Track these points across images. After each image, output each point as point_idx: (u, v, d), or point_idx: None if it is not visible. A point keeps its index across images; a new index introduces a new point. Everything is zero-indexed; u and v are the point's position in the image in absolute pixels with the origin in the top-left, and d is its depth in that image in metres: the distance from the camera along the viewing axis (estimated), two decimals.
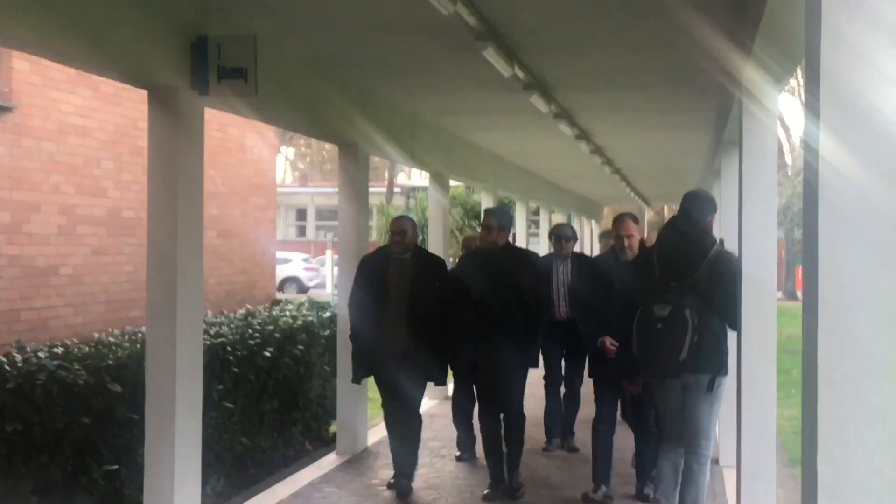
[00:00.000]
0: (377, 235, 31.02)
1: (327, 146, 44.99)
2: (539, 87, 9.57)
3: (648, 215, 55.67)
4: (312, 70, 8.90)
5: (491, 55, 7.54)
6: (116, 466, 7.37)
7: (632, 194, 27.30)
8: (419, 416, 8.42)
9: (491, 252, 7.99)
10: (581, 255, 10.31)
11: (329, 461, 9.47)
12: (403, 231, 8.19)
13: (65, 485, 7.05)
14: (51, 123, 9.08)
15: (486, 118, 12.43)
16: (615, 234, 7.89)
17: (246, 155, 12.74)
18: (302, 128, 9.98)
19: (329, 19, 7.25)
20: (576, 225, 31.86)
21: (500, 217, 8.14)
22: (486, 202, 17.92)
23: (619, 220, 7.88)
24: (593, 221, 34.95)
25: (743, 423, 6.25)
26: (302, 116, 9.02)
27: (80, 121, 9.52)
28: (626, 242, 7.65)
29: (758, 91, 6.13)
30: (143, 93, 9.12)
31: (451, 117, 12.55)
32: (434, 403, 12.60)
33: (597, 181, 22.47)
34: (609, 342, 7.46)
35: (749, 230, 6.26)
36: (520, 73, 8.58)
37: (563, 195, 25.48)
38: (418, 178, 39.70)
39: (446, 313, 7.99)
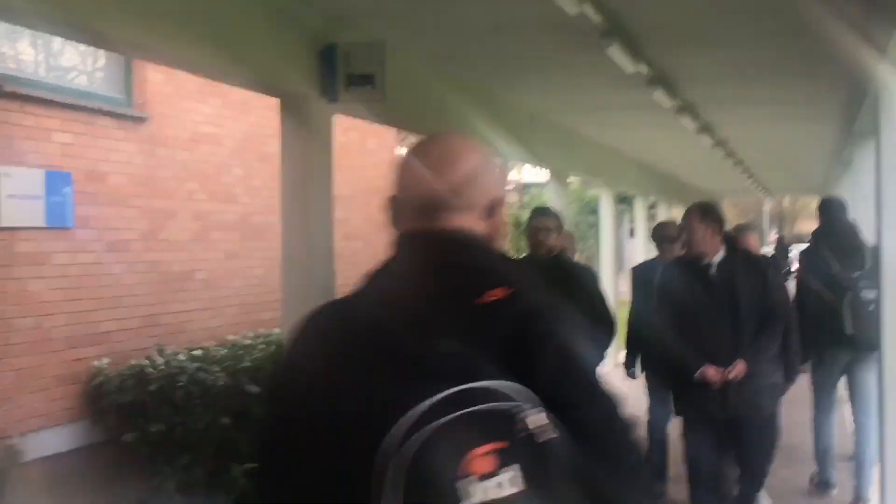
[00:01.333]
0: None
1: None
2: (663, 81, 9.49)
3: (768, 206, 54.61)
4: (434, 72, 8.98)
5: (616, 52, 7.51)
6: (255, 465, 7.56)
7: (753, 186, 26.89)
8: None
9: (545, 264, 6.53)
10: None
11: None
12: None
13: (206, 483, 7.27)
14: (184, 133, 9.34)
15: (606, 114, 12.37)
16: (679, 230, 6.76)
17: (367, 158, 12.92)
18: (425, 130, 10.06)
19: (453, 21, 7.31)
20: None
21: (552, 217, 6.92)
22: (604, 198, 17.82)
23: (687, 213, 6.45)
24: None
25: (887, 420, 6.13)
26: (424, 119, 9.10)
27: (211, 129, 9.76)
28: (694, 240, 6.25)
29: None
30: (270, 100, 9.33)
31: (571, 115, 12.52)
32: None
33: (717, 174, 22.16)
34: (713, 372, 5.97)
35: (889, 222, 6.14)
36: (643, 69, 8.53)
37: (682, 189, 25.19)
38: (530, 174, 39.57)
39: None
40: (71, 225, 7.76)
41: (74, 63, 8.89)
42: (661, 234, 8.35)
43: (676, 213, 23.78)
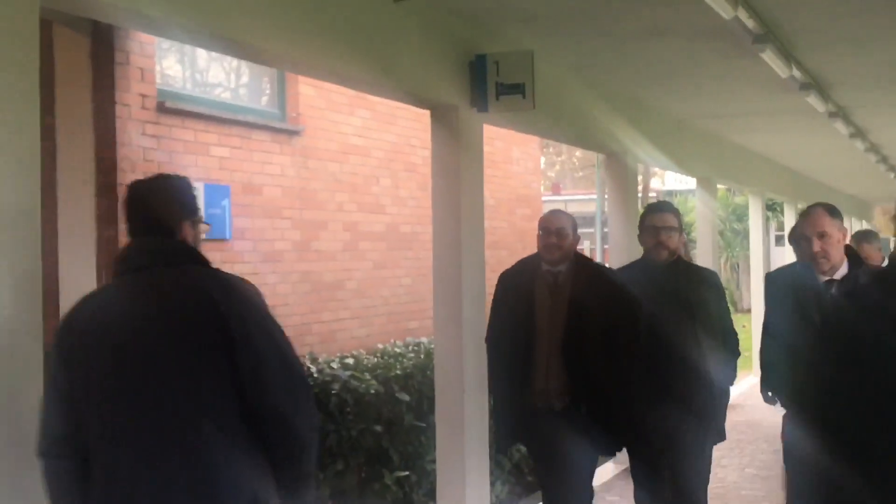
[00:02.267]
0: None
1: (578, 153, 44.93)
2: (816, 85, 9.27)
3: None
4: (581, 81, 8.96)
5: (769, 56, 7.38)
6: (407, 472, 7.64)
7: None
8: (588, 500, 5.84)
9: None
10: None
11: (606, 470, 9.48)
12: (561, 231, 5.61)
13: (359, 490, 7.38)
14: (334, 145, 9.51)
15: (755, 120, 12.15)
16: (800, 234, 5.37)
17: (512, 167, 12.94)
18: (572, 139, 10.06)
19: (601, 29, 7.29)
20: (846, 226, 30.48)
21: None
22: (753, 204, 17.46)
23: (807, 213, 5.17)
24: (864, 222, 33.39)
25: None
26: (572, 128, 9.09)
27: (360, 141, 9.93)
28: (819, 248, 4.92)
29: None
30: (416, 112, 9.47)
31: (719, 120, 12.34)
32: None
33: (868, 179, 21.52)
34: None
35: None
36: (797, 73, 8.35)
37: (831, 195, 24.53)
38: (673, 182, 39.02)
39: (631, 352, 5.55)
40: (229, 237, 7.99)
41: (231, 79, 9.16)
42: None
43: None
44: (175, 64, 8.34)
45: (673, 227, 5.75)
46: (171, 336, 3.13)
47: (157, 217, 3.29)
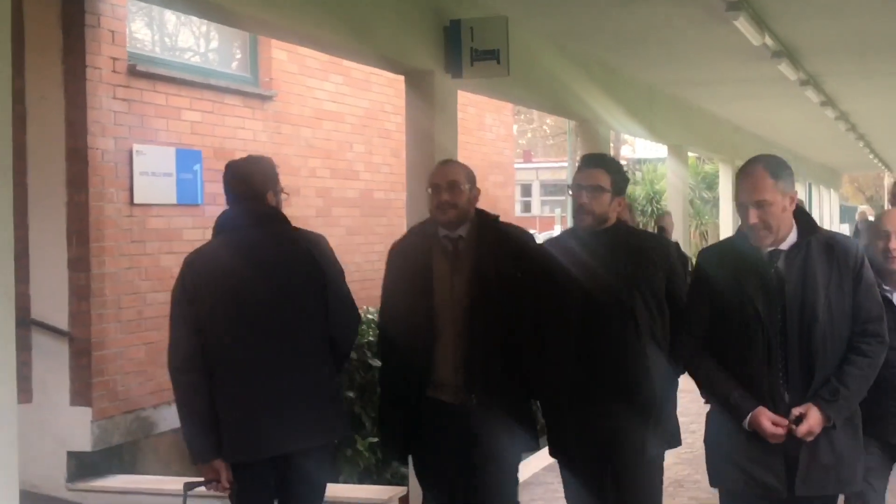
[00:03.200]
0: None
1: (549, 121, 44.98)
2: (788, 54, 9.31)
3: (889, 180, 53.05)
4: (555, 48, 8.94)
5: (742, 24, 7.40)
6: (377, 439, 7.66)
7: (875, 160, 26.20)
8: None
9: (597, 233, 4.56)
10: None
11: None
12: (454, 185, 4.55)
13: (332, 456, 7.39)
14: (307, 110, 9.45)
15: (727, 88, 12.19)
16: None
17: (485, 133, 12.92)
18: (545, 105, 10.07)
19: None
20: (814, 195, 30.73)
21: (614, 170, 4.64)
22: (723, 172, 17.55)
23: (744, 173, 3.98)
24: (832, 190, 33.63)
25: None
26: (545, 95, 9.09)
27: (334, 107, 9.87)
28: (756, 218, 3.87)
29: None
30: (390, 77, 9.45)
31: (691, 88, 12.37)
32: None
33: (838, 148, 21.67)
34: (768, 421, 3.88)
35: None
36: (769, 41, 8.38)
37: (801, 163, 24.68)
38: (644, 150, 39.12)
39: (537, 330, 4.55)
40: (201, 202, 7.93)
41: (203, 43, 9.07)
42: None
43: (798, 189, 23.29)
44: (146, 27, 8.25)
45: (598, 185, 4.46)
46: (283, 276, 4.23)
47: (252, 188, 4.36)
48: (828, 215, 30.93)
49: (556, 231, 34.75)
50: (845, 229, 28.55)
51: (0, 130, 3.44)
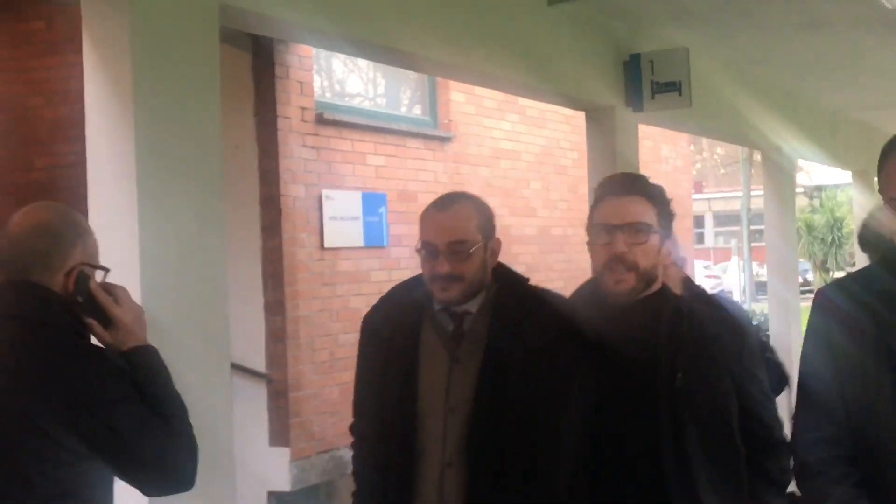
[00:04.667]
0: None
1: (720, 150, 44.14)
2: None
3: None
4: (734, 76, 8.81)
5: None
6: None
7: None
8: None
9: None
10: None
11: None
12: (459, 246, 2.91)
13: None
14: (484, 150, 9.56)
15: None
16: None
17: (661, 166, 12.80)
18: (726, 135, 9.93)
19: (754, 23, 7.17)
20: None
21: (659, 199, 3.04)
22: None
23: None
24: None
25: None
26: (726, 124, 8.96)
27: (510, 145, 9.96)
28: None
29: None
30: (565, 114, 9.48)
31: (876, 112, 11.97)
32: None
33: None
34: None
35: None
36: None
37: None
38: (820, 176, 38.00)
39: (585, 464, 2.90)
40: (386, 244, 8.10)
41: (384, 88, 9.30)
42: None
43: None
44: (331, 76, 8.51)
45: (643, 223, 2.86)
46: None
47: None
48: None
49: (733, 264, 33.91)
50: None
51: (213, 184, 3.60)
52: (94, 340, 2.56)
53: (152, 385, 2.53)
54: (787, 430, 2.84)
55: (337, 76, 8.64)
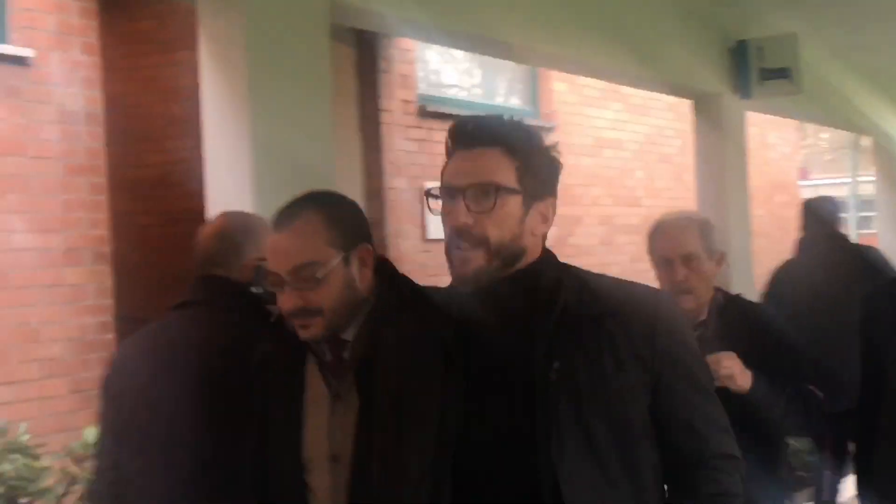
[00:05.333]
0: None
1: (825, 136, 43.21)
2: None
3: None
4: (843, 61, 8.61)
5: None
6: None
7: None
8: None
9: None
10: None
11: None
12: (302, 270, 2.24)
13: None
14: (587, 139, 9.51)
15: None
16: None
17: (767, 153, 12.59)
18: (836, 122, 9.72)
19: (867, 8, 6.98)
20: None
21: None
22: None
23: None
24: None
25: None
26: (835, 110, 8.77)
27: (613, 134, 9.89)
28: None
29: None
30: (669, 101, 9.36)
31: None
32: None
33: None
34: None
35: None
36: None
37: None
38: None
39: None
40: None
41: (485, 79, 9.30)
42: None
43: None
44: (432, 68, 8.54)
45: (491, 183, 2.19)
46: None
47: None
48: None
49: None
50: None
51: (326, 180, 3.64)
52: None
53: None
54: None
55: (435, 68, 8.66)
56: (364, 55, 7.27)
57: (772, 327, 3.28)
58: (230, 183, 3.38)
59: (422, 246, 7.53)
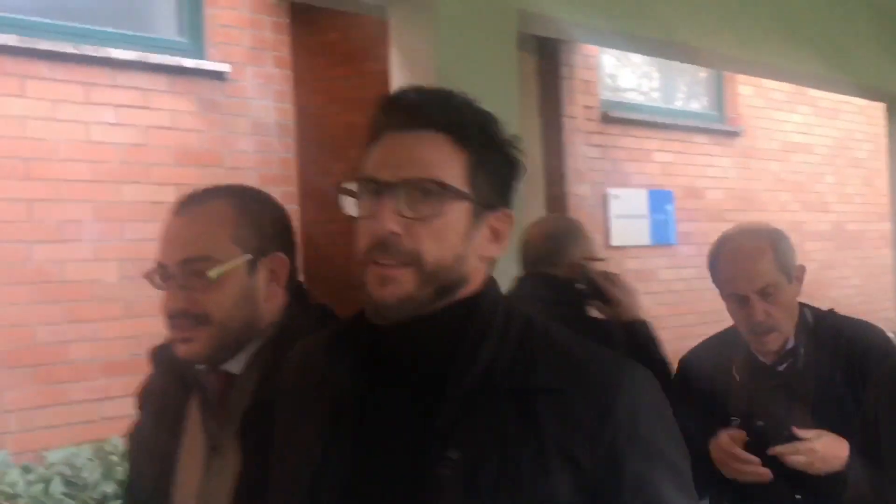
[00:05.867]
0: None
1: None
2: None
3: None
4: None
5: None
6: None
7: None
8: None
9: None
10: None
11: None
12: (198, 254, 1.81)
13: None
14: (774, 144, 9.30)
15: None
16: None
17: None
18: None
19: None
20: None
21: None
22: None
23: None
24: None
25: None
26: None
27: (802, 138, 9.63)
28: None
29: None
30: (861, 104, 9.06)
31: None
32: None
33: None
34: None
35: None
36: None
37: None
38: None
39: None
40: (674, 241, 8.02)
41: (668, 84, 9.20)
42: None
43: None
44: (614, 73, 8.50)
45: (427, 180, 1.51)
46: None
47: None
48: None
49: None
50: None
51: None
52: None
53: (646, 351, 3.10)
54: None
55: (614, 72, 8.62)
56: (546, 62, 7.30)
57: (881, 349, 2.65)
58: None
59: (605, 253, 7.49)
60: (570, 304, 3.15)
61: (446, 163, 1.52)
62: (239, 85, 6.18)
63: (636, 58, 8.46)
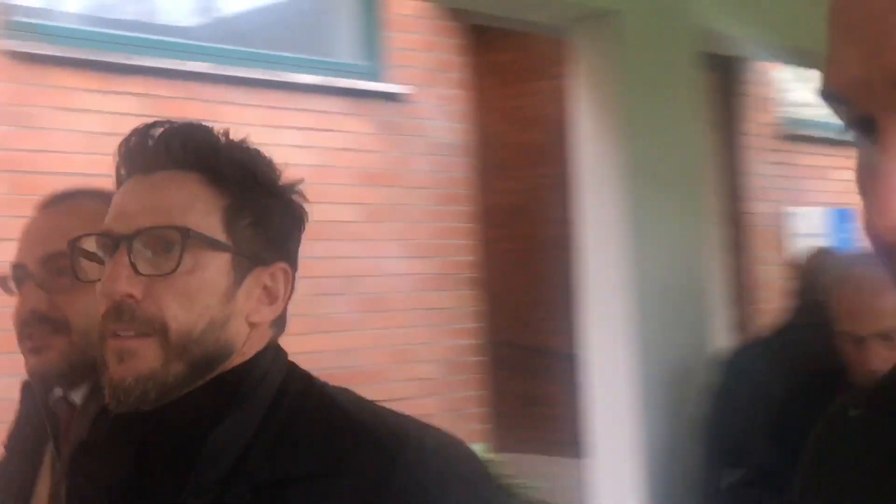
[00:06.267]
0: None
1: None
2: None
3: None
4: None
5: None
6: None
7: None
8: None
9: None
10: None
11: None
12: (63, 250, 1.38)
13: None
14: None
15: None
16: None
17: None
18: None
19: None
20: None
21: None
22: None
23: None
24: None
25: None
26: None
27: None
28: None
29: None
30: None
31: None
32: None
33: None
34: None
35: None
36: None
37: None
38: None
39: None
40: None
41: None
42: None
43: None
44: (791, 89, 8.33)
45: (165, 229, 1.21)
46: None
47: None
48: None
49: None
50: None
51: (700, 208, 3.66)
52: None
53: None
54: None
55: (790, 89, 8.43)
56: (722, 79, 7.21)
57: None
58: (601, 210, 3.47)
59: (784, 272, 7.36)
60: None
61: (195, 207, 1.23)
62: (417, 106, 6.31)
63: (813, 74, 8.27)
